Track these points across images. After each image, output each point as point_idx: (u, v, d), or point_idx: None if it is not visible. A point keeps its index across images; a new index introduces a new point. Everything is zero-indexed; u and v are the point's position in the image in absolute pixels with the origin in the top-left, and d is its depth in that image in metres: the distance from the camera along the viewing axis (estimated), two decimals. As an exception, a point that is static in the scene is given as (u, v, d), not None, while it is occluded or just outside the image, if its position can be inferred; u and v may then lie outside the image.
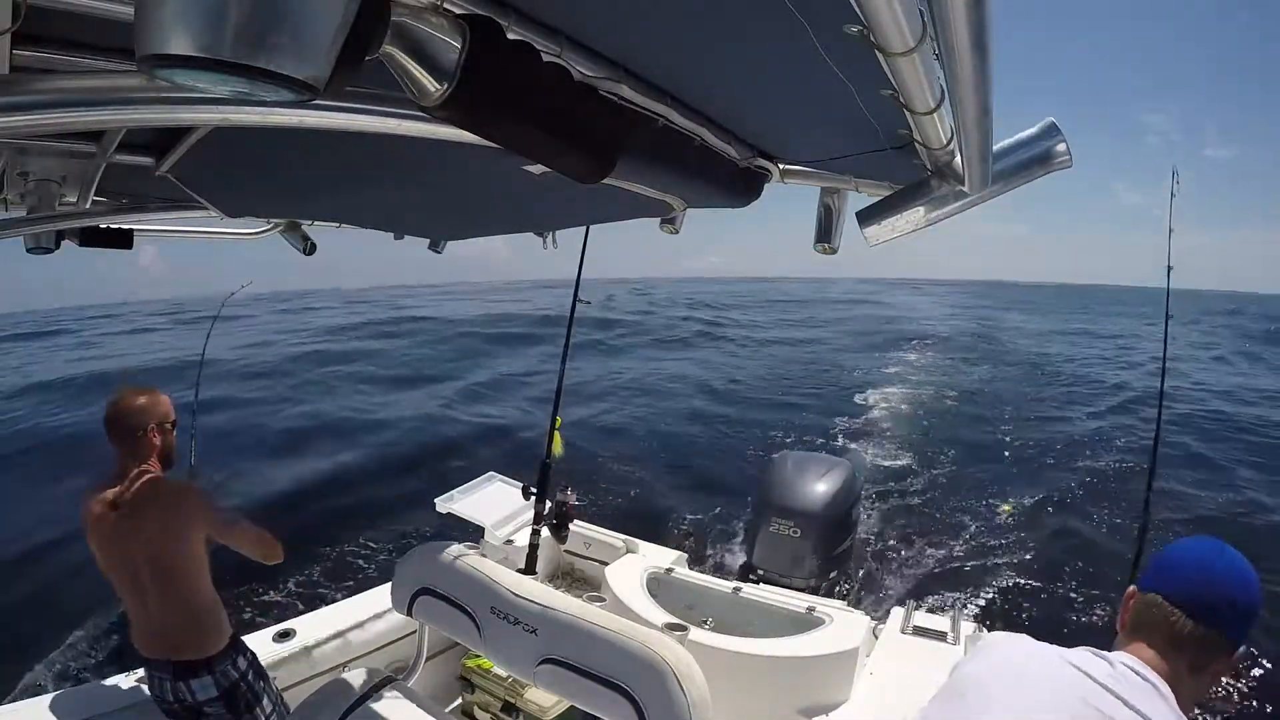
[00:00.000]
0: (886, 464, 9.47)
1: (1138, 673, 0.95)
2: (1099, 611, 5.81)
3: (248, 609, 4.97)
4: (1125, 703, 0.91)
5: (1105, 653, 1.00)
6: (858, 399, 13.70)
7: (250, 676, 2.18)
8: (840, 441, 10.47)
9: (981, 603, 6.00)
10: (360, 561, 6.18)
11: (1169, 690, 0.94)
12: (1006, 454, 10.02)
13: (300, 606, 3.02)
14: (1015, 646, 1.07)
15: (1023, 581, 6.39)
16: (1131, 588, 1.07)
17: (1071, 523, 7.70)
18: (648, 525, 6.97)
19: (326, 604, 3.01)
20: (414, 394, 13.58)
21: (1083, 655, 1.00)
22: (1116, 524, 7.57)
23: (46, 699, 2.21)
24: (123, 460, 2.07)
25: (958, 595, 6.09)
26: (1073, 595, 6.19)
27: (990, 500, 8.09)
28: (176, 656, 2.06)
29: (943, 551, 6.94)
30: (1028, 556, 6.87)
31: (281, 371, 16.14)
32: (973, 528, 7.49)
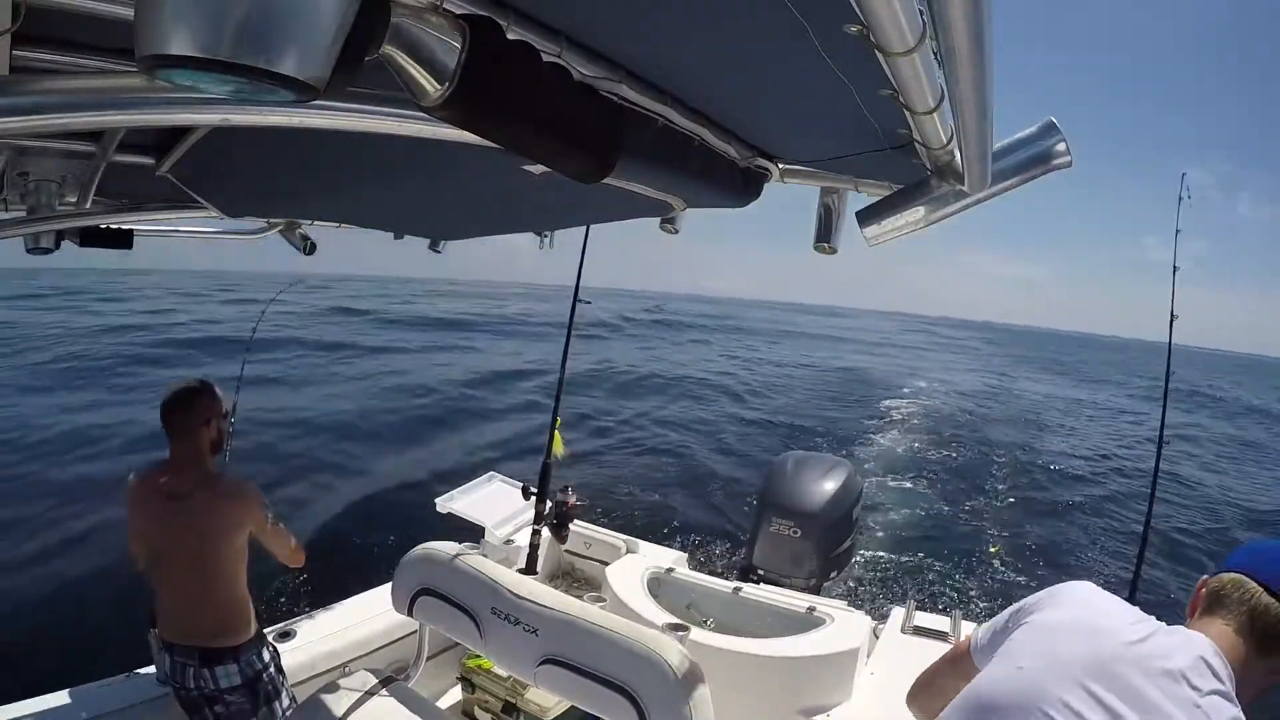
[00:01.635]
0: (886, 470, 9.47)
1: (1204, 659, 0.94)
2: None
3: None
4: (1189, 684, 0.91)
5: (1177, 627, 1.00)
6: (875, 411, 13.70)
7: (273, 670, 2.21)
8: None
9: (982, 602, 6.01)
10: (360, 562, 6.19)
11: (1229, 674, 0.93)
12: (995, 472, 10.06)
13: (301, 607, 3.01)
14: (1101, 602, 1.07)
15: (1023, 582, 6.40)
16: (1203, 577, 1.07)
17: (1073, 532, 7.72)
18: (648, 525, 6.98)
19: (327, 604, 3.01)
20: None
21: (1153, 623, 1.00)
22: (1116, 530, 7.58)
23: (59, 695, 2.21)
24: (177, 449, 2.10)
25: (958, 595, 6.09)
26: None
27: (988, 511, 8.11)
28: (205, 643, 2.10)
29: (944, 552, 6.95)
30: (1029, 557, 6.88)
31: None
32: (974, 531, 7.50)
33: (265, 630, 2.69)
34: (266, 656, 2.20)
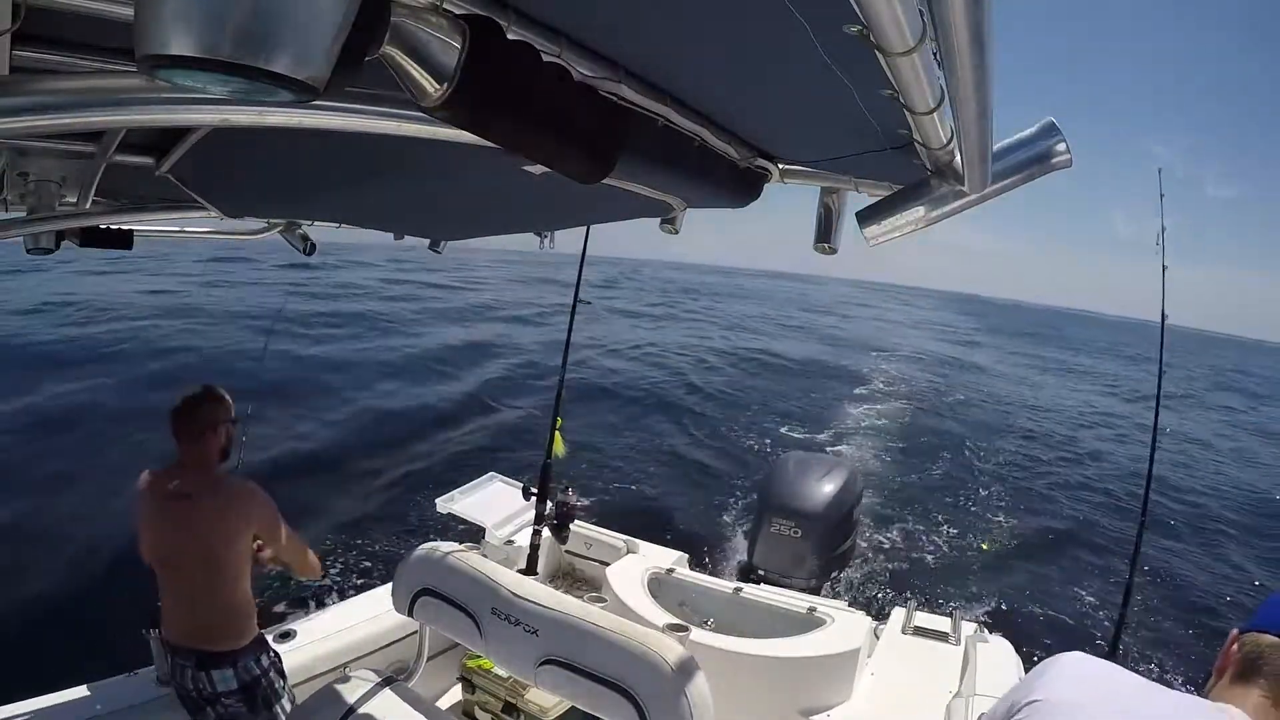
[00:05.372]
0: (884, 469, 9.47)
1: None
2: (1101, 613, 5.80)
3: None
4: None
5: (1220, 706, 0.93)
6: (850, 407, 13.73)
7: (271, 674, 2.21)
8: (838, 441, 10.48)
9: (981, 603, 6.01)
10: (361, 562, 6.18)
11: None
12: (991, 472, 10.08)
13: (301, 608, 3.01)
14: (1112, 674, 0.99)
15: (1022, 582, 6.40)
16: (1235, 630, 1.01)
17: (1070, 529, 7.72)
18: (648, 525, 6.98)
19: (327, 605, 3.01)
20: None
21: (1197, 709, 0.93)
22: (1115, 525, 7.58)
23: (59, 695, 2.21)
24: (185, 452, 2.15)
25: (958, 596, 6.09)
26: (1071, 596, 6.20)
27: (985, 511, 8.12)
28: (203, 646, 2.12)
29: (943, 552, 6.95)
30: (1027, 558, 6.89)
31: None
32: (973, 530, 7.50)
33: (266, 630, 2.70)
34: (265, 662, 2.20)
